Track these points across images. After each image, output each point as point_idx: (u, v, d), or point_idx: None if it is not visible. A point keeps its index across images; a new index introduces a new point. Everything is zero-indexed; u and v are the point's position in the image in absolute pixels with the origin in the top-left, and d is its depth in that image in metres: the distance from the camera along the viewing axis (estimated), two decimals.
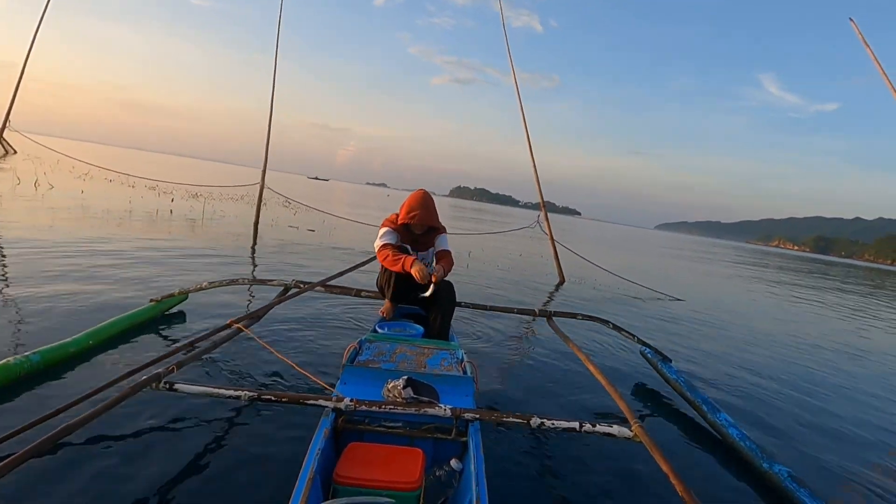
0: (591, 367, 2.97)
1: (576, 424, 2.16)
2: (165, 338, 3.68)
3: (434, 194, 3.88)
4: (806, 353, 6.72)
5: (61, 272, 4.97)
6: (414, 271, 3.40)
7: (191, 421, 2.51)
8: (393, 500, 1.44)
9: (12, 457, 1.55)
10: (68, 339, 3.09)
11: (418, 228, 3.70)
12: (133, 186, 17.68)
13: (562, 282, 9.78)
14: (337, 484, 1.66)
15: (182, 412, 2.57)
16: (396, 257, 3.53)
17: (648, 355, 4.31)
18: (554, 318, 4.15)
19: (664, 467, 1.88)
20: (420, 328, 3.40)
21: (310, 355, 3.64)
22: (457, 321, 4.72)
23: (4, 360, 2.64)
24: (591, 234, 41.56)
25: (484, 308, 4.29)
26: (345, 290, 4.13)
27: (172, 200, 14.61)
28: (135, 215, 10.35)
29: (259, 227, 11.00)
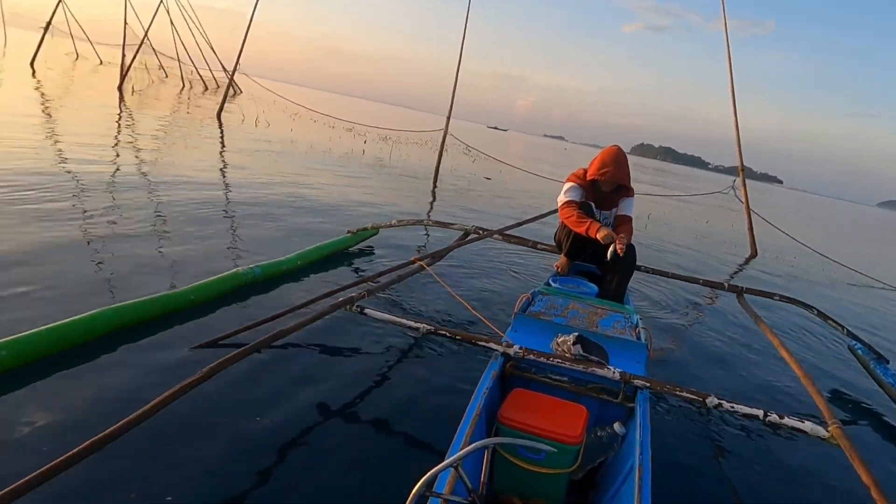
0: (784, 354, 2.68)
1: (759, 412, 1.98)
2: (358, 266, 4.09)
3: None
4: None
5: (274, 199, 5.78)
6: (600, 236, 3.28)
7: (374, 343, 2.81)
8: (555, 449, 1.48)
9: (240, 350, 1.87)
10: (282, 258, 3.60)
11: (607, 186, 3.54)
12: (333, 127, 19.55)
13: (753, 255, 8.84)
14: (501, 424, 1.74)
15: (367, 334, 2.87)
16: (581, 220, 3.41)
17: (859, 351, 3.75)
18: (745, 295, 3.79)
19: (865, 478, 1.65)
20: (594, 287, 3.34)
21: (482, 299, 3.79)
22: (632, 285, 4.53)
23: (234, 270, 3.17)
24: (793, 207, 36.47)
25: (665, 275, 4.05)
26: (521, 241, 4.18)
27: (365, 142, 15.88)
28: (333, 153, 11.47)
29: (439, 171, 11.47)
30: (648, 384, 2.01)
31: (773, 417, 1.96)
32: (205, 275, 3.08)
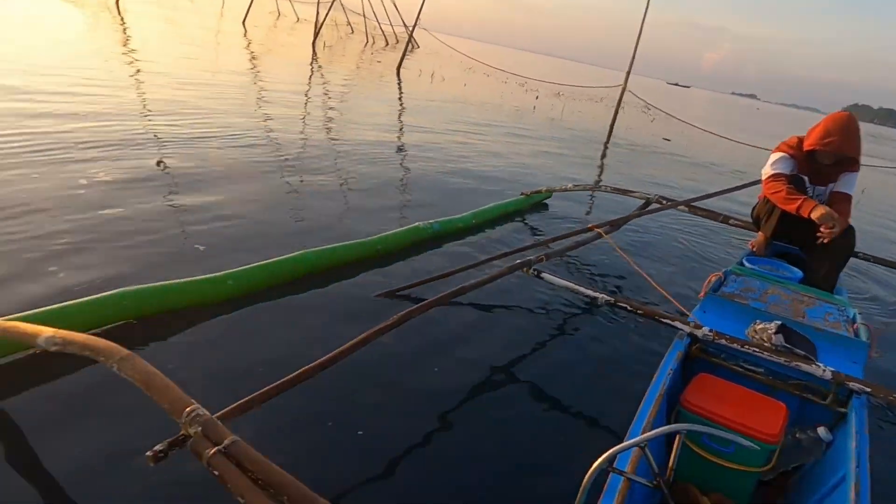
0: None
1: None
2: (531, 228, 4.09)
3: (816, 111, 3.07)
4: None
5: (447, 156, 5.95)
6: (815, 216, 2.82)
7: (549, 309, 2.80)
8: (748, 443, 1.35)
9: (427, 301, 1.99)
10: (458, 216, 3.72)
11: (828, 158, 3.03)
12: (506, 82, 19.44)
13: None
14: (684, 409, 1.63)
15: (543, 299, 2.87)
16: (792, 196, 2.96)
17: None
18: None
19: None
20: (798, 272, 2.95)
21: (664, 274, 3.56)
22: (843, 275, 3.93)
23: (416, 224, 3.36)
24: None
25: (891, 265, 3.45)
26: (710, 215, 3.82)
27: (537, 98, 15.56)
28: (504, 109, 11.40)
29: (614, 131, 10.88)
30: (869, 389, 1.75)
31: None
32: (388, 226, 3.29)
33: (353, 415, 1.82)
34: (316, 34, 17.61)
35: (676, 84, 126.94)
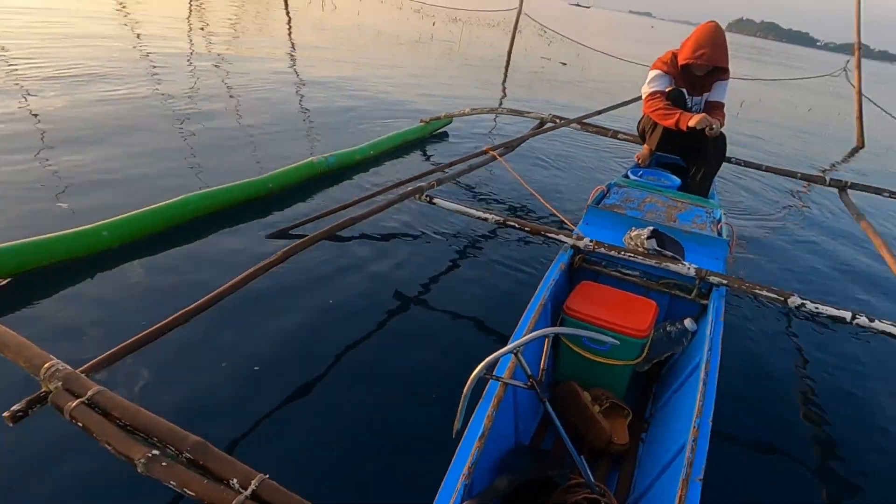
0: (886, 255, 2.48)
1: (847, 314, 1.87)
2: (430, 156, 4.07)
3: None
4: None
5: (343, 87, 5.73)
6: (692, 123, 3.00)
7: (443, 233, 2.86)
8: (616, 342, 1.47)
9: (312, 235, 1.95)
10: (355, 148, 3.63)
11: (701, 70, 3.19)
12: (401, 9, 18.70)
13: (859, 147, 8.05)
14: (566, 315, 1.74)
15: (436, 224, 2.92)
16: (669, 111, 3.13)
17: None
18: (849, 191, 3.47)
19: None
20: (677, 180, 3.16)
21: (556, 191, 3.71)
22: (721, 179, 4.26)
23: (309, 159, 3.24)
24: None
25: (758, 167, 3.75)
26: (601, 130, 3.96)
27: (434, 24, 15.13)
28: (401, 38, 11.01)
29: (512, 56, 10.84)
30: (725, 281, 1.93)
31: (863, 320, 1.85)
32: (281, 163, 3.17)
33: (247, 350, 1.81)
34: None
35: (577, 4, 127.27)
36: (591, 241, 2.06)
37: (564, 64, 11.96)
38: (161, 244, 2.32)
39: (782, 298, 1.93)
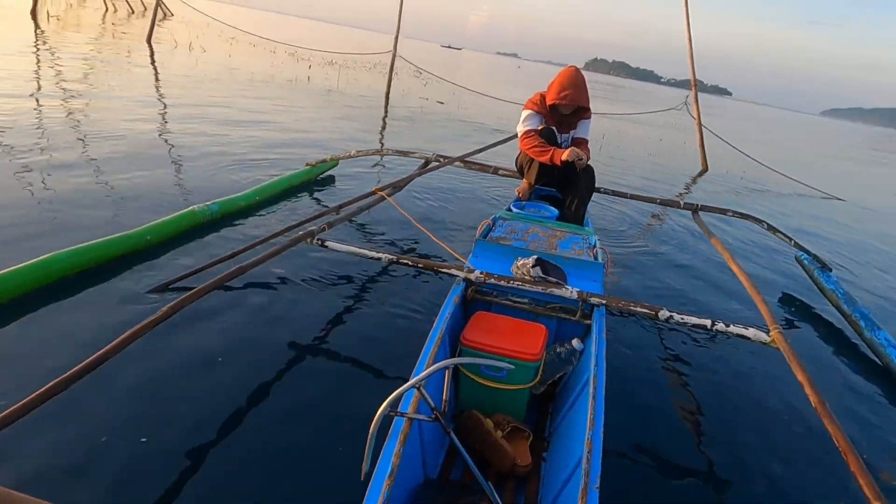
0: (734, 267, 2.81)
1: (707, 322, 2.11)
2: (318, 199, 4.05)
3: (566, 66, 3.63)
4: None
5: (221, 133, 5.56)
6: (564, 158, 3.33)
7: (337, 275, 2.84)
8: (512, 366, 1.55)
9: (198, 288, 1.87)
10: (239, 194, 3.53)
11: (566, 109, 3.53)
12: (274, 52, 18.51)
13: (704, 170, 9.17)
14: (464, 346, 1.81)
15: (330, 267, 2.90)
16: (543, 148, 3.45)
17: (805, 261, 3.96)
18: (700, 213, 3.91)
19: (800, 376, 1.80)
20: (555, 211, 3.40)
21: (445, 227, 3.83)
22: (592, 207, 4.63)
23: (191, 208, 3.11)
24: (742, 119, 37.10)
25: (624, 196, 4.14)
26: (483, 167, 4.17)
27: (310, 67, 15.14)
28: (277, 81, 10.87)
29: (390, 97, 11.14)
30: (604, 301, 2.10)
31: (720, 326, 2.09)
32: (159, 214, 3.00)
33: (132, 422, 1.67)
34: (35, 1, 14.88)
35: (449, 46, 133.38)
36: (481, 272, 2.16)
37: (442, 103, 12.43)
38: (26, 308, 2.10)
39: (653, 313, 2.14)
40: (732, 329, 2.09)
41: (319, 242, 2.41)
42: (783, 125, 44.85)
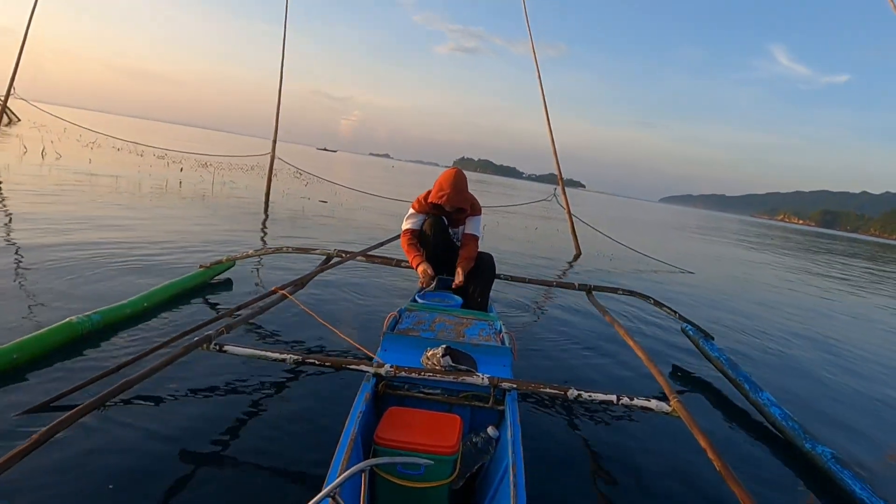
0: (630, 342, 2.97)
1: (613, 398, 2.18)
2: (214, 303, 3.85)
3: (436, 165, 3.91)
4: (824, 322, 6.94)
5: (96, 244, 5.14)
6: (419, 271, 3.58)
7: (239, 381, 2.66)
8: (431, 462, 1.50)
9: (78, 408, 1.68)
10: (125, 301, 3.27)
11: (449, 207, 3.69)
12: (141, 155, 17.86)
13: (578, 255, 9.88)
14: (378, 445, 1.73)
15: (231, 373, 2.72)
16: (409, 251, 3.70)
17: (690, 332, 4.27)
18: (594, 293, 4.15)
19: (702, 443, 1.89)
20: (459, 299, 3.46)
21: (351, 323, 3.76)
22: (494, 292, 4.77)
23: (68, 319, 2.83)
24: (597, 207, 40.78)
25: (522, 280, 4.32)
26: (385, 261, 4.21)
27: (182, 170, 14.68)
28: (145, 186, 10.33)
29: (270, 197, 11.11)
30: (515, 385, 2.12)
31: (625, 400, 2.17)
32: (29, 331, 2.70)
33: None
34: None
35: (325, 149, 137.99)
36: (391, 366, 2.12)
37: (325, 202, 12.51)
38: None
39: (562, 392, 2.19)
40: (637, 402, 2.18)
41: (217, 348, 2.28)
42: (630, 210, 49.93)
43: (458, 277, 3.49)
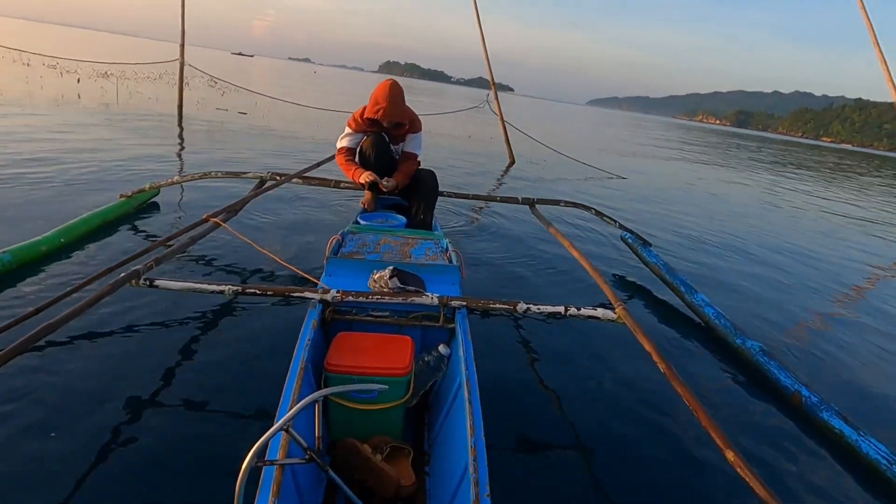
0: (575, 253, 3.01)
1: (561, 309, 2.22)
2: (141, 234, 3.62)
3: (361, 70, 3.73)
4: (746, 220, 7.46)
5: None
6: (363, 180, 3.45)
7: (174, 318, 2.54)
8: (386, 386, 1.49)
9: None
10: (39, 238, 3.01)
11: (386, 122, 3.54)
12: (28, 65, 16.03)
13: (512, 163, 9.91)
14: (329, 372, 1.70)
15: (165, 309, 2.59)
16: (348, 167, 3.57)
17: (629, 240, 4.39)
18: (537, 206, 4.16)
19: (647, 346, 1.96)
20: (403, 219, 3.39)
21: (292, 249, 3.64)
22: (438, 211, 4.72)
23: None
24: (528, 112, 40.93)
25: (466, 197, 4.27)
26: (323, 182, 4.04)
27: (79, 81, 13.33)
28: (38, 99, 9.37)
29: (184, 110, 10.32)
30: (465, 303, 2.11)
31: (573, 311, 2.22)
32: None
33: None
34: None
35: (241, 53, 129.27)
36: (337, 291, 2.06)
37: (244, 113, 11.76)
38: None
39: (511, 307, 2.21)
40: (583, 312, 2.23)
41: (147, 283, 2.14)
42: (559, 114, 50.43)
43: (366, 176, 3.44)
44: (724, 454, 1.47)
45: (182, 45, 10.23)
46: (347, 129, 3.63)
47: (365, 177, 3.44)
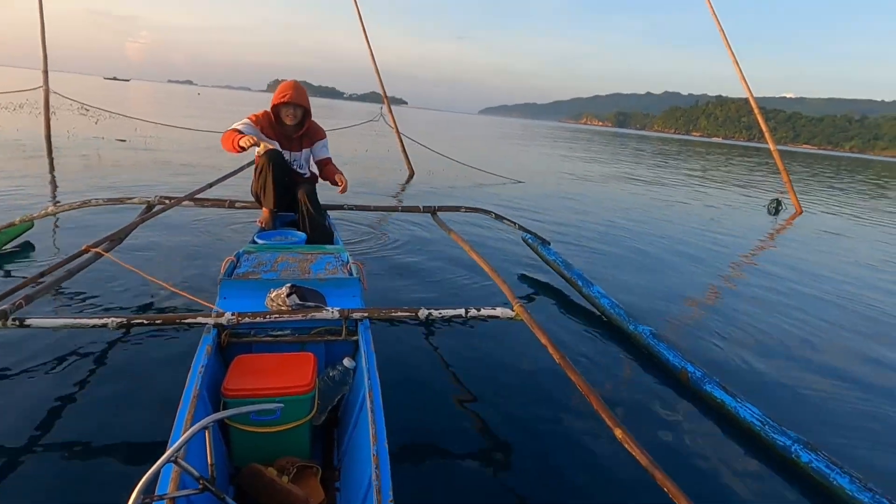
0: (475, 257, 3.10)
1: (461, 311, 2.27)
2: (10, 271, 3.31)
3: (249, 90, 3.74)
4: (633, 213, 7.97)
5: None
6: (245, 144, 3.35)
7: (54, 358, 2.35)
8: (282, 405, 1.45)
9: None
10: None
11: (291, 118, 3.63)
12: None
13: (411, 174, 10.09)
14: (227, 398, 1.65)
15: (39, 350, 2.39)
16: (230, 136, 3.42)
17: (529, 240, 4.57)
18: (438, 213, 4.23)
19: (543, 340, 2.05)
20: (302, 235, 3.33)
21: (186, 274, 3.47)
22: (340, 223, 4.69)
23: None
24: (422, 123, 41.80)
25: (367, 208, 4.27)
26: (217, 203, 3.89)
27: None
28: None
29: (53, 140, 9.63)
30: (366, 314, 2.12)
31: (473, 312, 2.28)
32: None
33: None
34: None
35: (115, 78, 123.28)
36: (232, 314, 2.00)
37: (123, 140, 11.07)
38: None
39: (413, 314, 2.24)
40: (483, 312, 2.29)
41: (17, 323, 1.96)
42: (453, 124, 51.88)
43: (248, 139, 3.36)
44: (614, 432, 1.57)
45: (45, 72, 9.47)
46: (245, 120, 3.62)
47: (246, 140, 3.34)
